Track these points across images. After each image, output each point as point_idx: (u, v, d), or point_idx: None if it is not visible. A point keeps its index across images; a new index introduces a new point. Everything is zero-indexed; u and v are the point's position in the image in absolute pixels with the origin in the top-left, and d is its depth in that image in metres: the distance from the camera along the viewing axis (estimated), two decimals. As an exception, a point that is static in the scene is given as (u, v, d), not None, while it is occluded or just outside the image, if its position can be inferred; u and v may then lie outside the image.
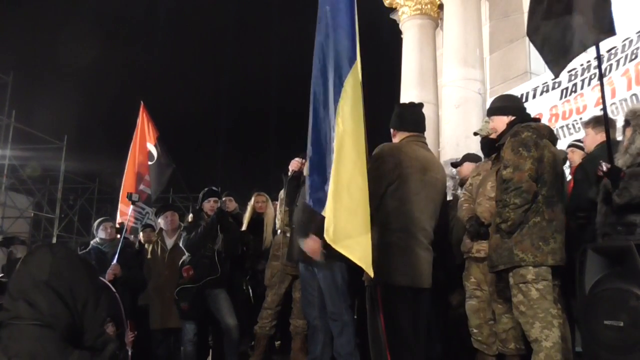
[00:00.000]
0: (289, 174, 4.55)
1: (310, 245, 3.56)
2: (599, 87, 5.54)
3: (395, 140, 3.55)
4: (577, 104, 5.97)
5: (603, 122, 3.86)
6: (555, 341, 3.27)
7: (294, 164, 4.52)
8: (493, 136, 3.99)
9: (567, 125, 6.04)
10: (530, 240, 3.39)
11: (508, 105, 3.80)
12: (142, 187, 7.94)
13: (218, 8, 20.86)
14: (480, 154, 4.75)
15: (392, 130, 3.62)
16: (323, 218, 2.99)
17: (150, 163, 8.10)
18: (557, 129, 6.09)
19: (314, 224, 3.45)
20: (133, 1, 19.53)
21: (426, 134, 3.66)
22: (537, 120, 3.80)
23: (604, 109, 3.56)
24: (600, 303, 3.08)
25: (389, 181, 3.27)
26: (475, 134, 4.33)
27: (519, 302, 3.41)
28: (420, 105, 3.68)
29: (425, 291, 3.36)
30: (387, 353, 3.19)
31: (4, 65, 14.98)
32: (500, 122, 3.75)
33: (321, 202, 3.02)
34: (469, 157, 4.89)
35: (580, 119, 5.82)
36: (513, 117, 3.69)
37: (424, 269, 3.28)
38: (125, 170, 8.13)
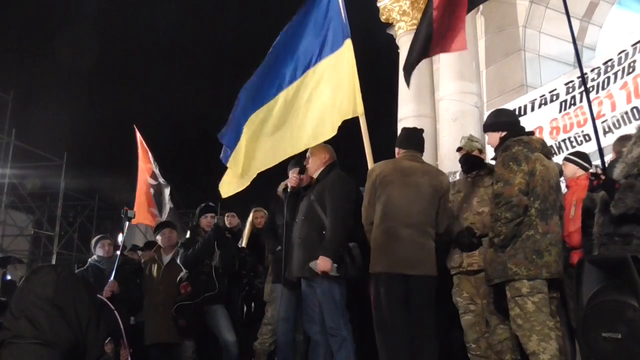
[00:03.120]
0: (288, 190, 4.54)
1: (322, 265, 3.86)
2: (598, 100, 5.62)
3: (397, 156, 4.14)
4: (577, 117, 5.99)
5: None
6: (553, 353, 3.28)
7: (292, 180, 4.51)
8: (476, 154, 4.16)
9: (569, 139, 6.05)
10: (524, 254, 3.41)
11: (499, 121, 3.86)
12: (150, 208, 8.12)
13: (219, 24, 21.04)
14: None
15: (396, 149, 4.21)
16: (328, 239, 3.93)
17: (154, 183, 8.23)
18: (559, 142, 6.10)
19: (322, 245, 3.94)
20: (133, 20, 19.69)
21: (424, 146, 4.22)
22: (531, 133, 3.84)
23: (593, 121, 3.64)
24: (598, 315, 3.07)
25: (374, 190, 3.89)
26: (459, 149, 4.33)
27: (515, 315, 3.42)
28: (420, 130, 4.30)
29: (415, 278, 3.72)
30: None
31: (5, 84, 15.09)
32: (493, 138, 3.81)
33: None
34: None
35: (582, 131, 5.85)
36: (505, 132, 3.74)
37: (407, 256, 3.70)
38: (138, 191, 8.27)
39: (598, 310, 3.08)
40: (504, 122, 3.84)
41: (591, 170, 4.71)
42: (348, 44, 4.51)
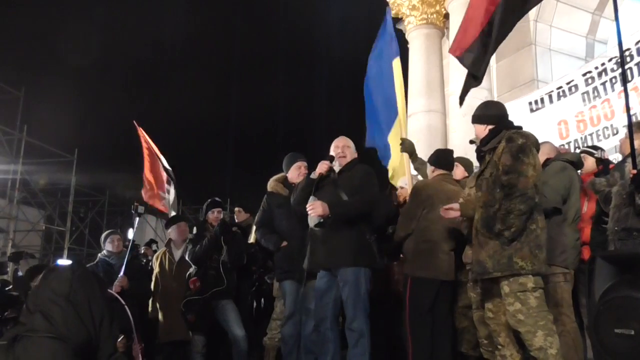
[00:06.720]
0: (313, 175, 4.29)
1: (317, 206, 3.99)
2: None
3: (433, 173, 4.68)
4: (604, 110, 5.86)
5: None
6: (559, 347, 3.26)
7: (322, 167, 4.26)
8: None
9: (596, 132, 5.94)
10: (529, 248, 3.35)
11: (487, 114, 3.78)
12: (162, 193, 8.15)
13: (227, 26, 21.05)
14: None
15: (429, 165, 4.76)
16: (347, 203, 4.13)
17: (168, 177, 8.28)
18: (586, 136, 6.01)
19: (338, 202, 4.10)
20: (143, 18, 19.75)
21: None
22: (519, 127, 3.76)
23: (628, 115, 3.57)
24: (610, 311, 3.05)
25: (422, 207, 4.34)
26: (472, 142, 4.31)
27: (516, 310, 3.35)
28: (451, 151, 5.09)
29: (448, 283, 4.29)
30: (408, 330, 4.18)
31: (16, 81, 15.20)
32: (479, 130, 3.77)
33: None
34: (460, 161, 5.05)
35: (611, 125, 5.77)
36: (492, 126, 3.68)
37: (444, 266, 4.27)
38: (148, 180, 8.25)
39: (610, 307, 3.06)
40: (491, 115, 3.76)
41: (596, 155, 4.69)
42: (397, 62, 5.12)
